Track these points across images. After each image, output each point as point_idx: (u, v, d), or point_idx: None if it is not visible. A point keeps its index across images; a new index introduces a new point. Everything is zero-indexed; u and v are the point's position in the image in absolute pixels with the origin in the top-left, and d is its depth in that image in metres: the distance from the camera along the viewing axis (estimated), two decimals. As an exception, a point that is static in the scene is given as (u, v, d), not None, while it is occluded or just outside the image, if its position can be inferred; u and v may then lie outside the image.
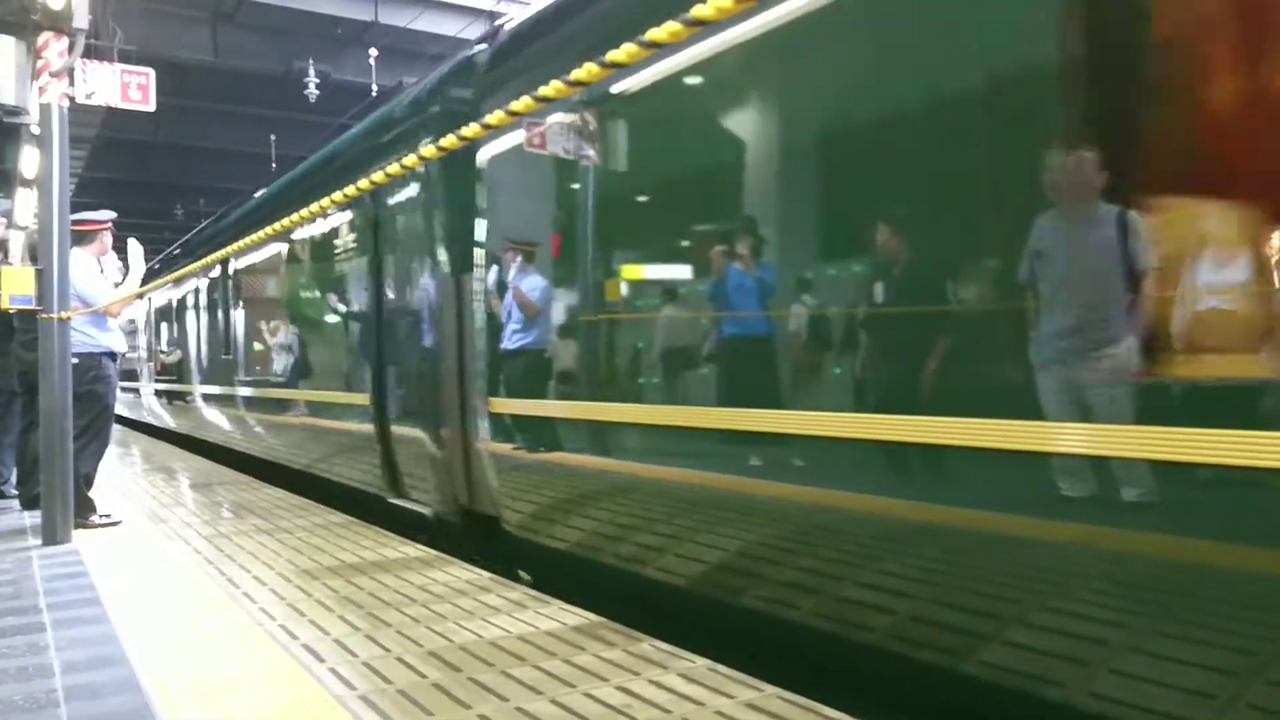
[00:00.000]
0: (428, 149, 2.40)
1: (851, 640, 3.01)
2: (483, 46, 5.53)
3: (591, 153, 4.20)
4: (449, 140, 2.20)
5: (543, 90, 1.80)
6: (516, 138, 4.70)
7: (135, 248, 6.55)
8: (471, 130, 2.08)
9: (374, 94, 16.87)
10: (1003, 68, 2.54)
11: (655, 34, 1.54)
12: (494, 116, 1.98)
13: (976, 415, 2.50)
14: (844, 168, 3.15)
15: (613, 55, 1.63)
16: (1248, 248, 2.00)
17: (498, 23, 6.29)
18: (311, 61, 17.44)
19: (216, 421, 11.68)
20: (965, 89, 2.64)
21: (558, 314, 4.63)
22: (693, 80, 3.69)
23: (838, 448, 2.96)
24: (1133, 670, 2.23)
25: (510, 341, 4.96)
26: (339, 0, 16.68)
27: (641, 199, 4.16)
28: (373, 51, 16.99)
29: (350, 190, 2.84)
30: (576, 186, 4.39)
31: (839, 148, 3.14)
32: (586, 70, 1.69)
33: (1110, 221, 2.27)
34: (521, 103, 1.90)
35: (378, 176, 2.68)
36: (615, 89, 4.00)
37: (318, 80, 17.56)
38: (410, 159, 2.49)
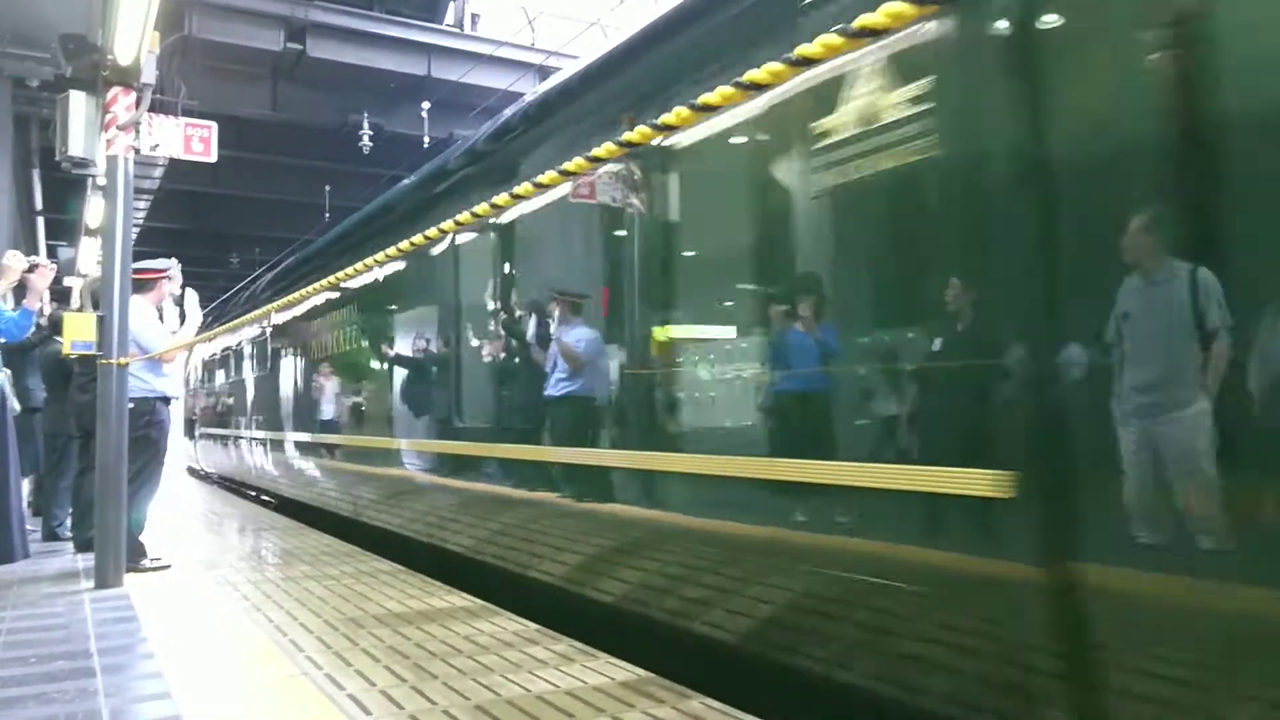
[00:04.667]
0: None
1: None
2: None
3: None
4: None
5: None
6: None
7: (192, 296, 6.68)
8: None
9: (426, 146, 17.18)
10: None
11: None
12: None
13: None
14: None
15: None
16: None
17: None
18: (366, 115, 17.85)
19: None
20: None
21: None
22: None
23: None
24: None
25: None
26: (394, 56, 17.10)
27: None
28: (425, 105, 17.34)
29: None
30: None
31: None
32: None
33: None
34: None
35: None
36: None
37: (371, 133, 17.95)
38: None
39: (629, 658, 3.89)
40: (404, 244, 4.44)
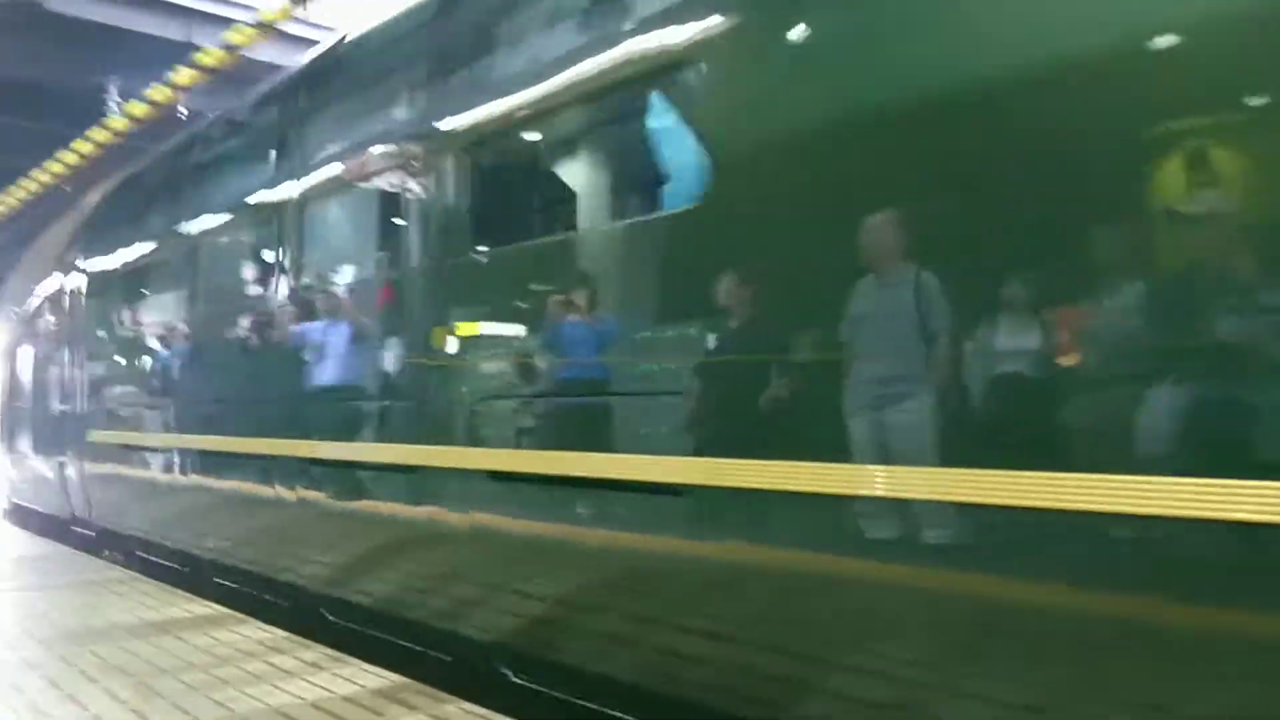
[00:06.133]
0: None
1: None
2: None
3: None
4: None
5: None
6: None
7: None
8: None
9: (183, 117, 15.89)
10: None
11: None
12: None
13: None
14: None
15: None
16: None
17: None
18: (114, 79, 16.30)
19: None
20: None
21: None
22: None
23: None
24: None
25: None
26: (149, 16, 15.72)
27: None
28: (184, 72, 16.03)
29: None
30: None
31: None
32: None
33: None
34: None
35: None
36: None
37: (120, 100, 16.41)
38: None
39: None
40: None
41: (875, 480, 2.32)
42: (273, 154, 5.33)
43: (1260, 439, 1.78)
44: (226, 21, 16.09)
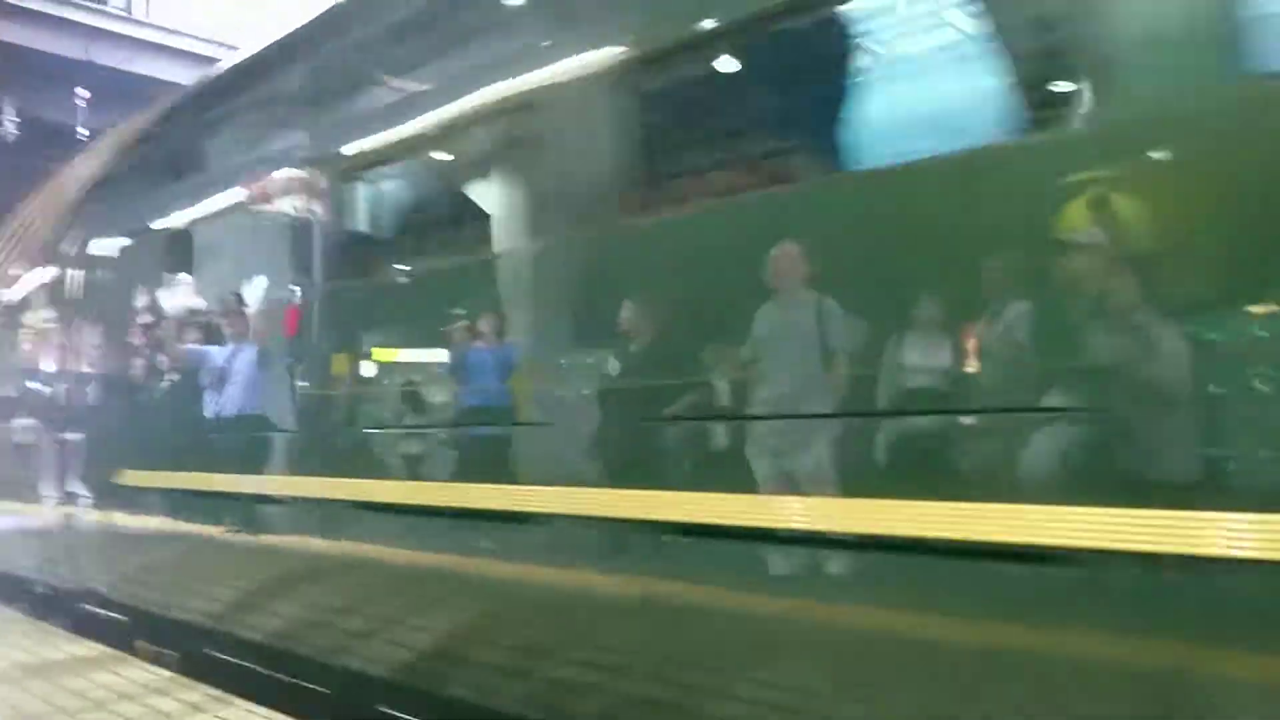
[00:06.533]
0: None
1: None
2: None
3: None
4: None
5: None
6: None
7: None
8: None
9: (84, 137, 15.34)
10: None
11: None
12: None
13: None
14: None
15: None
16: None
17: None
18: (10, 98, 15.68)
19: None
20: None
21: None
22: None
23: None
24: None
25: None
26: (45, 33, 15.18)
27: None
28: (83, 91, 15.52)
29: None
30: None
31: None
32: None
33: None
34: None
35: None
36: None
37: (17, 119, 15.78)
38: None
39: None
40: None
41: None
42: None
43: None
44: (128, 39, 15.68)
